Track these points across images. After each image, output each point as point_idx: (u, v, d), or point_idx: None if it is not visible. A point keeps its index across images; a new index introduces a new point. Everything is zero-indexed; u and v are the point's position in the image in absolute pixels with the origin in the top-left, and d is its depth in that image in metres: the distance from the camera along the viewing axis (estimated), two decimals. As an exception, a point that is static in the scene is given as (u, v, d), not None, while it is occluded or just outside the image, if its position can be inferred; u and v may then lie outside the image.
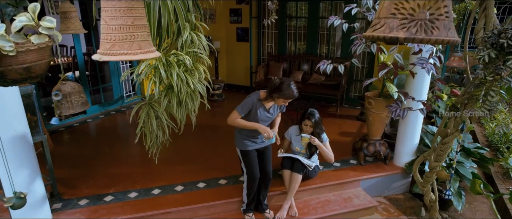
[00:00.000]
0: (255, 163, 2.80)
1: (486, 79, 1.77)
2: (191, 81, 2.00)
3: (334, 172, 3.56)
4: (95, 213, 2.85)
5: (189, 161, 3.89)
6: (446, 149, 2.45)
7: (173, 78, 1.88)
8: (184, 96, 2.04)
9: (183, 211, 2.99)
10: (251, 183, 2.84)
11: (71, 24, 2.12)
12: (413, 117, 3.45)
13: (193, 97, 2.19)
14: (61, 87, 1.85)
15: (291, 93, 2.49)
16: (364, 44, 1.65)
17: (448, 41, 0.78)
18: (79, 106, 1.87)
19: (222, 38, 7.11)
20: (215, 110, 6.03)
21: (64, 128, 4.93)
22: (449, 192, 2.61)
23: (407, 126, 3.51)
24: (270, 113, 2.72)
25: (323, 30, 6.30)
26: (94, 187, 3.27)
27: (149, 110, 2.11)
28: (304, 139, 3.07)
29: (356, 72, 6.13)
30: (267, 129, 2.53)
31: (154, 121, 2.12)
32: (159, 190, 3.22)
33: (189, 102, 2.14)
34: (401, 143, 3.61)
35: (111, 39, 0.77)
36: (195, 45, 2.06)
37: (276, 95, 2.53)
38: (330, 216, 3.10)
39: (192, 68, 2.08)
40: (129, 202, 3.03)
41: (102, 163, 3.81)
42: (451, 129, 2.37)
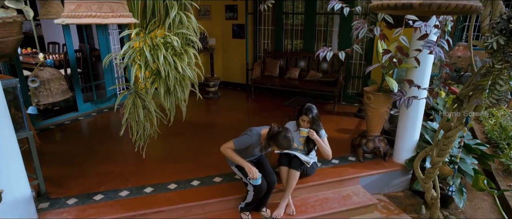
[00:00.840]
0: None
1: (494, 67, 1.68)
2: (180, 65, 1.87)
3: (333, 169, 3.46)
4: (84, 213, 2.73)
5: (183, 158, 3.77)
6: (449, 144, 2.36)
7: (159, 62, 1.75)
8: (173, 82, 1.90)
9: (176, 210, 2.87)
10: (258, 192, 2.74)
11: (52, 8, 1.99)
12: (413, 112, 3.36)
13: (183, 85, 2.05)
14: (39, 73, 1.71)
15: (286, 144, 2.56)
16: (366, 27, 1.55)
17: (470, 7, 0.68)
18: (59, 94, 1.74)
19: (218, 35, 6.99)
20: (211, 107, 5.92)
21: (54, 126, 4.79)
22: (452, 188, 2.52)
23: (407, 121, 3.43)
24: (260, 150, 2.86)
25: (320, 27, 6.21)
26: (84, 185, 3.14)
27: (135, 99, 1.97)
28: (302, 133, 2.97)
29: (354, 69, 6.05)
30: (253, 170, 2.57)
31: (141, 110, 1.99)
32: (151, 189, 3.10)
33: (178, 90, 2.01)
34: (401, 139, 3.52)
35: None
36: (184, 26, 1.92)
37: (272, 144, 2.63)
38: (329, 214, 3.00)
39: (181, 52, 1.96)
40: (120, 201, 2.90)
41: (93, 161, 3.68)
42: (454, 122, 2.28)
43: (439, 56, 1.41)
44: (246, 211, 2.87)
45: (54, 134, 4.53)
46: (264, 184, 2.72)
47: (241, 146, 2.70)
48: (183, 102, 2.20)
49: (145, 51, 1.73)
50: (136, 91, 2.02)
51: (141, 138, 2.22)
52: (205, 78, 6.37)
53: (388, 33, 1.60)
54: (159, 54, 1.75)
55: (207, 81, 6.23)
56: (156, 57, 1.75)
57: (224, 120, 5.16)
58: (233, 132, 3.15)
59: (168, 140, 4.41)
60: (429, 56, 3.13)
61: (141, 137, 2.21)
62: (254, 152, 2.82)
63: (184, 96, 2.16)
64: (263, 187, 2.70)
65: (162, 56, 1.75)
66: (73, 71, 5.18)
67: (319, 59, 6.16)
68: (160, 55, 1.75)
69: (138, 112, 1.98)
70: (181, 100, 2.17)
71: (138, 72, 1.84)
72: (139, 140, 2.24)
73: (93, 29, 6.83)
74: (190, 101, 6.14)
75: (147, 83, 1.97)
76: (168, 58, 1.81)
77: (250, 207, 2.86)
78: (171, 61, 1.84)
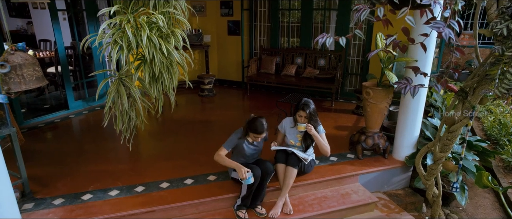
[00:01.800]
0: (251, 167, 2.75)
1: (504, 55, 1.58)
2: (166, 47, 1.73)
3: (331, 166, 3.35)
4: (71, 213, 2.59)
5: (176, 156, 3.65)
6: (453, 138, 2.26)
7: (143, 43, 1.61)
8: (158, 67, 1.76)
9: (169, 209, 2.75)
10: (251, 185, 2.68)
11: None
12: (414, 108, 3.27)
13: (171, 72, 1.91)
14: (9, 58, 1.56)
15: (260, 127, 2.71)
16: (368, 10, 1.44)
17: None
18: (33, 81, 1.60)
19: (213, 32, 6.87)
20: (205, 105, 5.79)
21: (44, 125, 4.64)
22: (456, 185, 2.42)
23: (407, 117, 3.33)
24: (255, 145, 2.89)
25: (316, 23, 6.11)
26: (72, 185, 3.00)
27: (119, 87, 1.83)
28: (299, 128, 2.85)
29: (351, 65, 5.95)
30: (242, 170, 2.62)
31: (125, 99, 1.84)
32: (142, 187, 2.97)
33: (165, 76, 1.86)
34: (401, 135, 3.43)
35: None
36: (171, 4, 1.78)
37: (249, 130, 2.76)
38: (327, 213, 2.89)
39: (167, 33, 1.82)
40: (110, 201, 2.77)
41: (82, 160, 3.54)
42: (459, 116, 2.18)
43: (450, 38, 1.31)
44: (243, 209, 2.75)
45: (42, 133, 4.37)
46: (257, 173, 2.68)
47: (230, 146, 2.81)
48: (171, 90, 2.05)
49: (127, 30, 1.59)
50: (120, 78, 1.87)
51: (126, 130, 2.08)
52: (200, 75, 6.24)
53: (392, 18, 1.49)
54: (143, 35, 1.61)
55: (202, 78, 6.10)
56: (140, 38, 1.61)
57: (219, 117, 5.04)
58: (228, 130, 3.04)
59: (161, 138, 4.29)
60: (431, 49, 3.04)
61: (127, 129, 2.07)
62: (246, 150, 2.85)
63: (173, 84, 2.01)
64: (256, 175, 2.66)
65: (146, 36, 1.62)
66: (64, 68, 5.02)
67: (316, 56, 6.06)
68: (144, 35, 1.61)
69: (122, 101, 1.83)
70: (169, 88, 2.01)
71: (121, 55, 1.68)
72: (124, 132, 2.09)
73: (86, 25, 6.68)
74: (185, 99, 6.09)
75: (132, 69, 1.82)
76: (153, 39, 1.67)
77: (247, 201, 2.75)
78: (157, 42, 1.70)
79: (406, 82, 1.61)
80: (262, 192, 2.81)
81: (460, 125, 2.15)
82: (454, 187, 2.43)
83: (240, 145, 2.84)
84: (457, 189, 2.42)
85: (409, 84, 1.60)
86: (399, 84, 1.63)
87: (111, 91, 1.85)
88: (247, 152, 2.86)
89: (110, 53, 1.68)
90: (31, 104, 5.68)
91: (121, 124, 1.99)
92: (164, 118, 5.06)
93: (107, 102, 1.89)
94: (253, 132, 2.74)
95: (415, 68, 1.65)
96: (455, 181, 2.47)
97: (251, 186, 2.69)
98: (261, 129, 2.72)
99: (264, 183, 2.79)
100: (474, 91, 2.04)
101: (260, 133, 2.74)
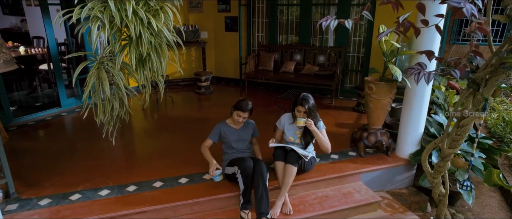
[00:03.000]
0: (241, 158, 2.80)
1: (524, 40, 1.45)
2: (155, 23, 1.56)
3: (332, 164, 3.21)
4: (57, 214, 2.44)
5: (170, 155, 3.50)
6: (463, 133, 2.13)
7: (128, 19, 1.45)
8: (146, 46, 1.59)
9: (162, 210, 2.60)
10: (245, 174, 2.64)
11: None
12: (418, 103, 3.14)
13: (160, 54, 1.73)
14: None
15: (244, 104, 2.85)
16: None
17: None
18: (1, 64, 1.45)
19: (210, 28, 6.72)
20: (202, 102, 5.64)
21: (34, 122, 4.48)
22: (467, 183, 2.28)
23: (411, 113, 3.19)
24: (240, 133, 2.99)
25: (316, 18, 5.97)
26: (60, 185, 2.85)
27: (100, 72, 1.66)
28: (299, 123, 2.71)
29: (352, 62, 5.82)
30: (212, 168, 2.82)
31: (106, 85, 1.65)
32: (134, 187, 2.83)
33: (154, 59, 1.68)
34: (405, 132, 3.29)
35: None
36: None
37: (233, 109, 2.91)
38: (329, 213, 2.75)
39: (155, 7, 1.65)
40: (99, 201, 2.62)
41: (72, 158, 3.39)
42: (469, 109, 2.05)
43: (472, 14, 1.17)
44: (246, 208, 2.60)
45: (32, 131, 4.21)
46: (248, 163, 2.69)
47: (215, 136, 2.96)
48: (161, 77, 1.87)
49: (109, 3, 1.42)
50: (101, 62, 1.70)
51: (109, 122, 1.91)
52: (197, 72, 6.09)
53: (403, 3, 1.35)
54: (128, 7, 1.44)
55: (199, 76, 5.95)
56: (124, 13, 1.44)
57: (216, 115, 4.89)
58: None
59: (155, 135, 4.14)
60: (435, 45, 2.90)
61: (109, 121, 1.90)
62: (231, 137, 2.94)
63: (162, 70, 1.83)
64: (248, 165, 2.66)
65: (131, 8, 1.45)
66: (56, 65, 4.86)
67: (315, 52, 5.92)
68: (129, 8, 1.45)
69: (103, 87, 1.66)
70: (158, 74, 1.84)
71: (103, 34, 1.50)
72: (107, 124, 1.92)
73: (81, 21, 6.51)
74: (181, 96, 5.94)
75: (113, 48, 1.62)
76: (140, 13, 1.50)
77: (248, 197, 2.62)
78: (144, 16, 1.53)
79: (419, 67, 1.47)
80: (259, 193, 2.61)
81: (471, 119, 2.02)
82: (465, 185, 2.29)
83: (225, 134, 2.95)
84: (467, 187, 2.29)
85: (423, 69, 1.46)
86: (411, 71, 1.49)
87: (90, 76, 1.68)
88: (231, 139, 2.93)
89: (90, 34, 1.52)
90: (22, 102, 5.52)
91: (102, 115, 1.82)
92: (159, 115, 4.91)
93: (86, 90, 1.72)
94: (237, 109, 2.85)
95: (429, 52, 1.50)
96: (465, 179, 2.33)
97: (245, 178, 2.63)
98: (245, 107, 2.83)
99: (259, 182, 2.62)
100: (487, 83, 1.91)
101: (244, 111, 2.84)
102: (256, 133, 3.09)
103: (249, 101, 2.91)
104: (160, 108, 5.17)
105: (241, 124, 2.98)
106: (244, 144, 3.00)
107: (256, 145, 3.13)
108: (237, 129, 2.99)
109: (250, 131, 3.03)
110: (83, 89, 5.57)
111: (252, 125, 3.07)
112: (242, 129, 3.01)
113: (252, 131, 3.05)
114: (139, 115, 4.91)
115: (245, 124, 3.01)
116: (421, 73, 1.46)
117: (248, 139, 3.03)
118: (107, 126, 1.95)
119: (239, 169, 2.68)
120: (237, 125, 2.99)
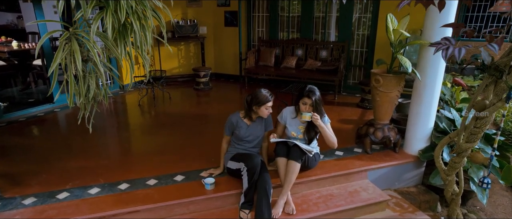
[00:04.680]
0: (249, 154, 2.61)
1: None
2: None
3: (337, 161, 3.03)
4: (41, 214, 2.26)
5: (166, 151, 3.32)
6: (483, 126, 1.95)
7: None
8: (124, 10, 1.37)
9: (155, 209, 2.42)
10: (252, 172, 2.45)
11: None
12: (428, 96, 2.96)
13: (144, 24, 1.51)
14: None
15: (264, 96, 2.55)
16: None
17: None
18: None
19: (209, 23, 6.54)
20: (201, 99, 5.46)
21: (25, 119, 4.30)
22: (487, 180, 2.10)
23: (420, 107, 3.01)
24: (252, 131, 2.70)
25: (317, 12, 5.79)
26: (47, 183, 2.67)
27: (72, 42, 1.44)
28: (304, 117, 2.53)
29: (355, 57, 5.64)
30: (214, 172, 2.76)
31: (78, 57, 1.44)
32: (127, 185, 2.65)
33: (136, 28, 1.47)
34: (414, 127, 3.11)
35: None
36: None
37: (255, 107, 2.58)
38: (334, 213, 2.57)
39: None
40: (88, 200, 2.44)
41: (62, 155, 3.21)
42: (490, 99, 1.87)
43: None
44: (246, 208, 2.42)
45: (22, 127, 4.04)
46: (257, 160, 2.50)
47: (229, 130, 2.72)
48: (145, 52, 1.66)
49: None
50: (74, 32, 1.49)
51: (84, 106, 1.72)
52: (195, 67, 5.92)
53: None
54: None
55: (197, 71, 5.77)
56: None
57: (215, 111, 4.72)
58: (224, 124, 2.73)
59: (151, 132, 3.95)
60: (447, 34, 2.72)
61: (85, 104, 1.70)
62: (242, 133, 2.67)
63: (147, 44, 1.61)
64: (256, 163, 2.47)
65: None
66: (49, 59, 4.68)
67: (317, 47, 5.74)
68: None
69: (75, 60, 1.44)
70: (142, 49, 1.62)
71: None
72: (82, 108, 1.73)
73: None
74: (179, 92, 5.76)
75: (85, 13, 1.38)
76: None
77: (249, 197, 2.44)
78: None
79: (448, 42, 1.28)
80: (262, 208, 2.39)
81: (493, 110, 1.84)
82: (485, 182, 2.11)
83: (237, 129, 2.69)
84: (488, 184, 2.10)
85: (452, 44, 1.27)
86: (437, 46, 1.30)
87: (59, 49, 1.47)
88: (242, 136, 2.67)
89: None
90: (14, 98, 5.35)
91: (77, 98, 1.61)
92: (156, 111, 4.73)
93: (52, 65, 1.51)
94: (260, 104, 2.54)
95: (458, 25, 1.31)
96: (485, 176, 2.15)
97: (251, 176, 2.43)
98: (266, 97, 2.54)
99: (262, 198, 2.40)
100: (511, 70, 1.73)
101: (267, 101, 2.55)
102: (270, 126, 2.78)
103: (262, 90, 2.59)
104: (157, 104, 4.99)
105: (267, 115, 2.66)
106: (255, 141, 2.72)
107: (265, 142, 2.83)
108: (248, 124, 2.69)
109: (262, 126, 2.73)
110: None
111: (269, 120, 2.76)
112: (254, 124, 2.70)
113: (264, 126, 2.74)
114: (135, 111, 4.73)
115: (259, 118, 2.71)
116: (450, 48, 1.27)
117: (260, 136, 2.73)
118: (82, 111, 1.75)
119: (245, 166, 2.47)
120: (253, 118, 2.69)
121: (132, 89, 5.93)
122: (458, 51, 1.27)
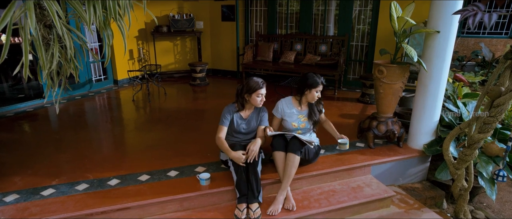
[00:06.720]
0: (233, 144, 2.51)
1: None
2: None
3: (339, 156, 2.90)
4: (24, 212, 2.11)
5: (160, 146, 3.17)
6: (498, 115, 1.81)
7: None
8: None
9: (147, 206, 2.27)
10: (237, 166, 2.37)
11: None
12: (434, 88, 2.83)
13: None
14: None
15: (256, 82, 2.45)
16: None
17: None
18: None
19: (206, 18, 6.38)
20: (197, 94, 5.31)
21: (13, 114, 4.14)
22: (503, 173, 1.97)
23: (426, 99, 2.88)
24: (246, 124, 2.60)
25: (317, 5, 5.65)
26: (32, 178, 2.52)
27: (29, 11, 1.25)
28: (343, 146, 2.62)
29: (355, 51, 5.51)
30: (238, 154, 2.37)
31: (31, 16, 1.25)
32: (117, 180, 2.50)
33: None
34: (418, 120, 2.98)
35: None
36: None
37: (246, 94, 2.48)
38: (337, 209, 2.43)
39: None
40: (75, 196, 2.29)
41: (50, 151, 3.06)
42: (507, 85, 1.73)
43: None
44: (242, 203, 2.27)
45: (10, 123, 3.87)
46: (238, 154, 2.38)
47: (226, 120, 2.55)
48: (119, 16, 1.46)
49: None
50: None
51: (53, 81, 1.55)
52: (192, 63, 5.76)
53: None
54: None
55: (194, 66, 5.62)
56: None
57: (211, 106, 4.57)
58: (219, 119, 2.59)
59: (145, 127, 3.79)
60: (454, 23, 2.59)
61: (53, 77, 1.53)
62: (235, 126, 2.57)
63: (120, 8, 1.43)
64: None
65: None
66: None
67: (316, 42, 5.60)
68: None
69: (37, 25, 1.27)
70: (115, 15, 1.44)
71: None
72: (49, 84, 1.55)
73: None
74: (175, 88, 5.59)
75: None
76: None
77: (242, 189, 2.30)
78: None
79: (477, 8, 1.14)
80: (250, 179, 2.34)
81: (510, 97, 1.70)
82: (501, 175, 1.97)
83: (233, 121, 2.58)
84: (503, 178, 1.97)
85: (481, 10, 1.13)
86: (465, 13, 1.16)
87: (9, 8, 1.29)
88: (236, 129, 2.58)
89: None
90: (4, 94, 5.18)
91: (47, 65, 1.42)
92: (151, 107, 4.58)
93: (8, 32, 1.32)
94: (251, 92, 2.44)
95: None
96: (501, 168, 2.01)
97: (238, 169, 2.35)
98: (257, 83, 2.44)
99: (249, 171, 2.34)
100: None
101: (258, 88, 2.44)
102: (264, 122, 2.61)
103: (254, 77, 2.51)
104: (152, 99, 4.83)
105: (261, 103, 2.51)
106: (250, 135, 2.61)
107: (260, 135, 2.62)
108: (242, 117, 2.59)
109: (258, 119, 2.60)
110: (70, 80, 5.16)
111: (260, 110, 2.62)
112: (249, 117, 2.60)
113: (258, 119, 2.60)
114: (128, 106, 4.57)
115: (255, 111, 2.60)
116: (479, 14, 1.13)
117: (255, 128, 2.61)
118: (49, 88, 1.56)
119: (231, 163, 2.41)
120: (250, 110, 2.59)
121: (127, 84, 5.77)
122: (489, 17, 1.13)
